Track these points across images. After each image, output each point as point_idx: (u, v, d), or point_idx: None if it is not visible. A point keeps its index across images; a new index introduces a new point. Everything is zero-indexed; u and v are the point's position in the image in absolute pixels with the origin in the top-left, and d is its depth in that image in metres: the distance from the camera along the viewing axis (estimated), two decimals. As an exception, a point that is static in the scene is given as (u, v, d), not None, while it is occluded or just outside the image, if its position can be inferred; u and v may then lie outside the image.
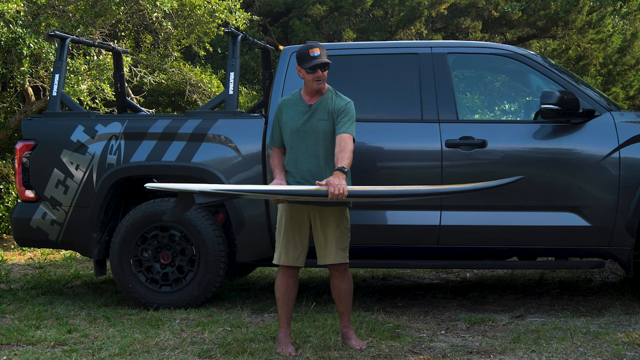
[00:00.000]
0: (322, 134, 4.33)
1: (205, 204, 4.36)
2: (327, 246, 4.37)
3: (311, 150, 4.32)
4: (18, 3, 8.38)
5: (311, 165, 4.32)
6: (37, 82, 9.86)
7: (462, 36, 15.57)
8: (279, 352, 4.33)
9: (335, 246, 4.37)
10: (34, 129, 5.81)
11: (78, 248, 5.79)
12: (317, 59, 4.30)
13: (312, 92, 4.39)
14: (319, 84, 4.35)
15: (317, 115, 4.34)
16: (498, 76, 10.66)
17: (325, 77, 4.38)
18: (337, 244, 4.38)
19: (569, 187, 5.11)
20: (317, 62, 4.30)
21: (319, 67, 4.32)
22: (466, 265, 5.78)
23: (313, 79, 4.33)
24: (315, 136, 4.32)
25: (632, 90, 16.86)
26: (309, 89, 4.39)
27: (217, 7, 10.35)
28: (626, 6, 13.20)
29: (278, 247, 4.41)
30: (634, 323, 4.91)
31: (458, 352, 4.32)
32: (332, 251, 4.37)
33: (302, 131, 4.33)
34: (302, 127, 4.33)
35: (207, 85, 11.92)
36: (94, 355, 4.39)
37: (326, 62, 4.33)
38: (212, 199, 4.20)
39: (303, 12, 15.15)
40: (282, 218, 4.40)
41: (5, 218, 9.94)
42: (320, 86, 4.36)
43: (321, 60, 4.31)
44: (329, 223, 4.36)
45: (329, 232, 4.36)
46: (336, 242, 4.37)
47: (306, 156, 4.32)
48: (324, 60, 4.32)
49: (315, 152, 4.32)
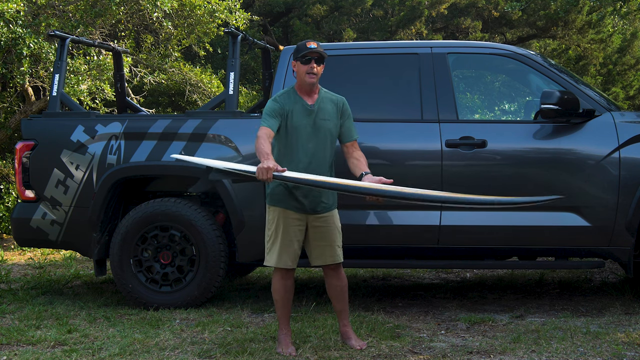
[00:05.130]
0: (329, 134, 4.35)
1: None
2: (321, 247, 4.37)
3: (316, 149, 4.32)
4: (18, 3, 8.38)
5: (314, 164, 4.31)
6: (37, 82, 9.87)
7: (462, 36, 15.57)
8: (279, 352, 4.33)
9: (330, 246, 4.37)
10: (34, 129, 5.81)
11: (78, 248, 5.79)
12: (313, 50, 4.29)
13: (305, 88, 4.34)
14: (311, 77, 4.29)
15: (320, 115, 4.34)
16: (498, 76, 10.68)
17: (319, 73, 4.33)
18: (331, 244, 4.37)
19: (569, 187, 5.11)
20: (311, 51, 4.28)
21: (313, 59, 4.29)
22: (466, 265, 5.78)
23: (306, 70, 4.29)
24: (323, 137, 4.33)
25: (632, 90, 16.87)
26: (302, 83, 4.34)
27: (217, 7, 10.36)
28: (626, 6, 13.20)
29: (273, 249, 4.38)
30: (634, 323, 4.91)
31: (458, 352, 4.32)
32: (326, 252, 4.37)
33: (310, 132, 4.31)
34: (310, 127, 4.31)
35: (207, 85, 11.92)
36: (94, 355, 4.39)
37: (321, 55, 4.30)
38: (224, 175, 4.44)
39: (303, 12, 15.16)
40: (279, 221, 4.37)
41: (5, 218, 9.94)
42: (312, 80, 4.30)
43: (317, 50, 4.29)
44: (323, 226, 4.36)
45: (323, 234, 4.36)
46: (330, 243, 4.37)
47: (309, 155, 4.31)
48: (319, 50, 4.29)
49: (319, 152, 4.32)
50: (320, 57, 4.32)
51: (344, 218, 4.67)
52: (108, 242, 5.68)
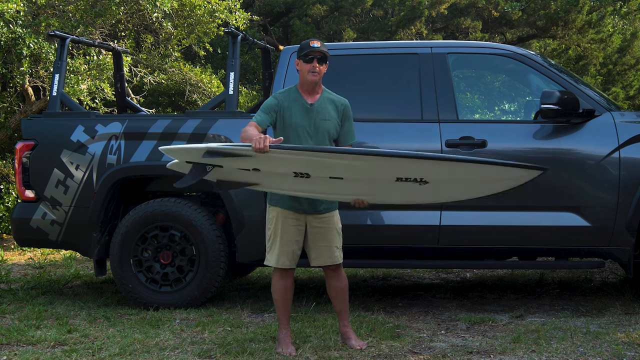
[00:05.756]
0: (327, 134, 4.34)
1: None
2: (321, 248, 4.36)
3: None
4: (18, 3, 8.38)
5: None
6: (37, 82, 9.87)
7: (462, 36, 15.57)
8: (279, 352, 4.33)
9: (328, 247, 4.36)
10: (34, 129, 5.81)
11: (78, 248, 5.79)
12: (316, 49, 4.29)
13: (307, 86, 4.34)
14: (313, 75, 4.30)
15: (320, 115, 4.33)
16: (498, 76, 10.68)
17: (322, 72, 4.33)
18: (336, 244, 4.37)
19: (569, 187, 5.11)
20: (313, 50, 4.28)
21: (316, 58, 4.28)
22: (466, 265, 5.78)
23: (309, 69, 4.29)
24: (321, 137, 4.31)
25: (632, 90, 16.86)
26: (304, 82, 4.34)
27: (217, 7, 10.35)
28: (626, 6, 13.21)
29: (272, 249, 4.39)
30: (634, 323, 4.91)
31: (458, 352, 4.32)
32: (325, 252, 4.36)
33: (310, 131, 4.30)
34: (309, 126, 4.30)
35: (207, 85, 11.92)
36: (94, 355, 4.39)
37: (324, 55, 4.30)
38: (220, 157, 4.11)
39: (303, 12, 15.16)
40: (277, 221, 4.38)
41: (5, 218, 9.94)
42: (314, 79, 4.31)
43: (320, 49, 4.29)
44: (322, 227, 4.35)
45: (328, 233, 4.36)
46: (335, 243, 4.37)
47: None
48: (322, 49, 4.30)
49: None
50: (323, 57, 4.32)
51: (345, 218, 4.67)
52: (108, 242, 5.68)
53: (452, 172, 4.13)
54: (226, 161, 4.16)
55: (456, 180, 4.17)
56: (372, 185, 4.21)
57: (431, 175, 4.08)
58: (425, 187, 4.13)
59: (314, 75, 4.30)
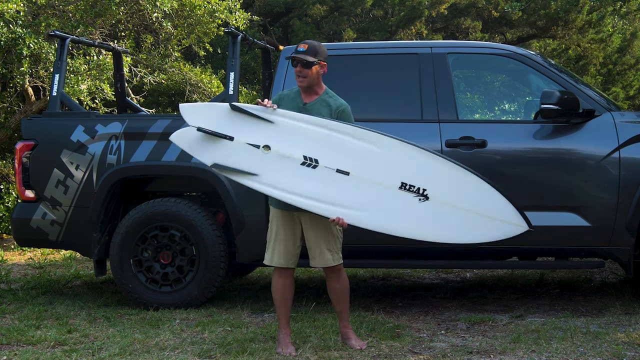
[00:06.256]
0: None
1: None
2: (319, 249, 4.35)
3: None
4: (18, 3, 8.38)
5: None
6: (37, 82, 9.86)
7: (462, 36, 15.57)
8: (279, 352, 4.33)
9: (326, 249, 4.34)
10: (34, 129, 5.81)
11: (78, 248, 5.79)
12: (299, 54, 4.24)
13: (302, 87, 4.34)
14: (299, 80, 4.28)
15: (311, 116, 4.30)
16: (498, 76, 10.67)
17: (309, 75, 4.25)
18: (327, 246, 4.34)
19: (569, 187, 5.11)
20: (293, 57, 4.24)
21: (300, 64, 4.23)
22: (466, 265, 5.78)
23: (295, 73, 4.29)
24: None
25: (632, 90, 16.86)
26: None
27: (217, 7, 10.35)
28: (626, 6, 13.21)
29: (270, 248, 4.40)
30: (634, 323, 4.91)
31: (458, 352, 4.32)
32: (323, 254, 4.35)
33: None
34: None
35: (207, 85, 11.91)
36: (94, 355, 4.39)
37: (305, 60, 4.22)
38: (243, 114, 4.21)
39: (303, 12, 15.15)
40: (273, 220, 4.39)
41: (5, 218, 9.94)
42: (301, 84, 4.29)
43: (302, 56, 4.22)
44: (319, 226, 4.33)
45: (319, 235, 4.34)
46: (327, 245, 4.34)
47: None
48: (303, 57, 4.21)
49: None
50: (307, 63, 4.23)
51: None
52: (108, 242, 5.68)
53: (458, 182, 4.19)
54: (244, 126, 4.18)
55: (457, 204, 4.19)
56: (373, 191, 4.19)
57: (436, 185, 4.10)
58: (424, 205, 4.14)
59: (300, 80, 4.29)
